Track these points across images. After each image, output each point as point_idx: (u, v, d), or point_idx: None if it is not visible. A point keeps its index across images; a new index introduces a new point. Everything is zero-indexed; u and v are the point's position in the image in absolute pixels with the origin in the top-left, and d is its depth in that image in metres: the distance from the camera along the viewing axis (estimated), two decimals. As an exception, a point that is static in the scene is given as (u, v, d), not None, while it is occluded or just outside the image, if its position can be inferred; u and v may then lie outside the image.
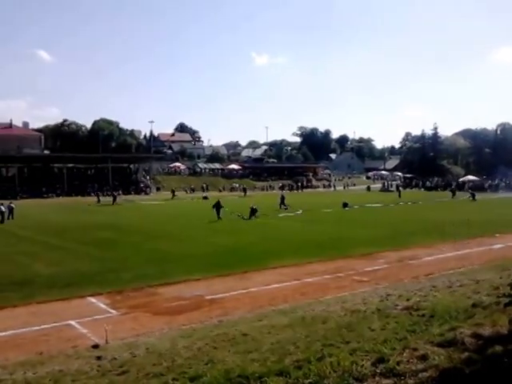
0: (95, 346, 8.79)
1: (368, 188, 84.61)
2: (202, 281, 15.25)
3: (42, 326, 10.85)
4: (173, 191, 69.45)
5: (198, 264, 17.82)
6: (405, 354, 6.96)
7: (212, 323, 10.23)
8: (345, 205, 44.64)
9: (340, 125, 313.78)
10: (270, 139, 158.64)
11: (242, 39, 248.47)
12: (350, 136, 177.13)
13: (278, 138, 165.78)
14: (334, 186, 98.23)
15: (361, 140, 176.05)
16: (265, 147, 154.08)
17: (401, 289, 12.55)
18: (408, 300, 10.79)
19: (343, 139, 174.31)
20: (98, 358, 7.88)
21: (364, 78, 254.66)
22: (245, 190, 76.45)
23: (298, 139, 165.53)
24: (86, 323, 10.93)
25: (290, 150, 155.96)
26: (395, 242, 22.74)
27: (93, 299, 13.20)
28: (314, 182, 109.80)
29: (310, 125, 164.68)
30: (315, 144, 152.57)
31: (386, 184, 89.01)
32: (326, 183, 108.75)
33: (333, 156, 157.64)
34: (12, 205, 39.25)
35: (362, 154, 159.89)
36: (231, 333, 8.90)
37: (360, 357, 6.98)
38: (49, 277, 16.21)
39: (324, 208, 44.17)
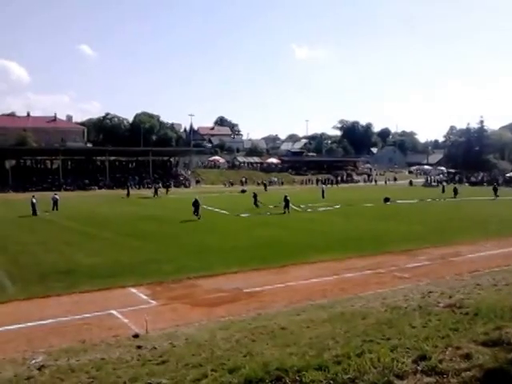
0: (136, 336, 8.94)
1: (410, 183, 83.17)
2: (240, 274, 15.30)
3: (85, 315, 11.10)
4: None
5: (237, 257, 17.90)
6: (447, 353, 6.81)
7: (250, 316, 10.25)
8: (386, 199, 44.00)
9: (382, 118, 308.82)
10: (310, 132, 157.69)
11: (283, 31, 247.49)
12: (392, 129, 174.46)
13: (318, 131, 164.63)
14: (375, 181, 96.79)
15: (403, 133, 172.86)
16: (304, 141, 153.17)
17: (443, 286, 12.28)
18: (451, 297, 10.55)
19: (385, 133, 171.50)
20: (139, 347, 8.02)
21: (407, 71, 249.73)
22: (265, 186, 73.72)
23: (338, 132, 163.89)
24: (127, 313, 11.12)
25: (330, 143, 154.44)
26: (437, 238, 22.26)
27: (134, 290, 13.43)
28: (355, 177, 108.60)
29: (350, 118, 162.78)
30: (356, 137, 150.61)
31: (429, 179, 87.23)
32: (367, 178, 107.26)
33: (374, 150, 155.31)
34: (57, 196, 40.36)
35: (404, 147, 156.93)
36: (269, 326, 8.89)
37: (401, 353, 6.87)
38: (91, 267, 16.59)
39: (365, 202, 43.67)
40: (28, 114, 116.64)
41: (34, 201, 35.85)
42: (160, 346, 7.98)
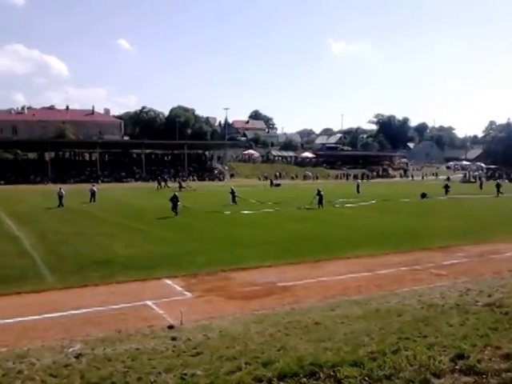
0: (170, 327, 9.02)
1: (448, 178, 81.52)
2: (274, 268, 15.27)
3: (121, 305, 11.25)
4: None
5: (271, 251, 17.87)
6: (486, 352, 6.66)
7: (284, 310, 10.21)
8: (423, 195, 43.27)
9: (419, 112, 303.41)
10: (345, 127, 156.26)
11: (319, 26, 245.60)
12: (430, 124, 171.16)
13: (354, 125, 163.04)
14: (412, 176, 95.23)
15: (441, 128, 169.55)
16: (339, 135, 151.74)
17: (482, 284, 11.99)
18: (490, 296, 10.31)
19: (422, 127, 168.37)
20: (173, 338, 8.09)
21: (445, 64, 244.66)
22: (271, 182, 68.58)
23: (374, 127, 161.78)
24: (162, 304, 11.23)
25: (366, 137, 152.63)
26: (475, 235, 21.73)
27: (168, 281, 13.55)
28: (391, 171, 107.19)
29: (387, 112, 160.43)
30: (392, 132, 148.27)
31: (467, 175, 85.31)
32: (403, 173, 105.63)
33: (411, 145, 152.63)
34: (94, 188, 41.16)
35: (441, 142, 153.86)
36: (303, 321, 8.86)
37: (438, 352, 6.75)
38: (127, 258, 16.83)
39: (401, 198, 43.09)
40: (67, 108, 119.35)
41: (63, 192, 36.58)
42: (194, 337, 8.03)
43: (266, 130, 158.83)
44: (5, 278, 13.77)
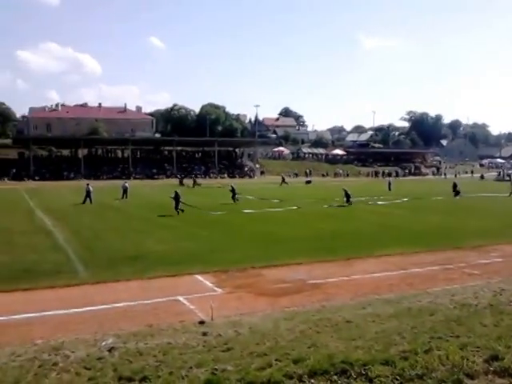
0: (201, 322, 9.10)
1: (482, 176, 79.88)
2: (305, 265, 15.21)
3: (152, 300, 11.37)
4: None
5: (301, 248, 17.82)
6: (522, 354, 6.51)
7: (314, 308, 10.18)
8: (456, 193, 42.49)
9: (452, 109, 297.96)
10: (377, 124, 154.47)
11: (350, 22, 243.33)
12: (463, 121, 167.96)
13: (385, 122, 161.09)
14: (445, 174, 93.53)
15: (475, 125, 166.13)
16: (371, 132, 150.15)
17: (516, 284, 11.73)
18: (525, 297, 10.07)
19: (455, 124, 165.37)
20: (204, 333, 8.16)
21: (480, 61, 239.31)
22: (283, 179, 64.84)
23: (406, 124, 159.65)
24: (193, 299, 11.32)
25: (398, 135, 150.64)
26: (510, 234, 21.22)
27: (199, 277, 13.65)
28: (423, 169, 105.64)
29: (419, 109, 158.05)
30: (425, 129, 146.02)
31: (501, 173, 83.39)
32: (436, 171, 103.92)
33: (444, 142, 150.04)
34: (127, 184, 41.74)
35: (475, 140, 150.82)
36: (334, 319, 8.82)
37: (471, 352, 6.65)
38: (159, 253, 17.00)
39: (433, 196, 42.42)
40: (100, 105, 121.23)
41: (91, 188, 37.00)
42: (225, 333, 8.08)
43: (297, 127, 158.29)
44: (40, 272, 14.11)
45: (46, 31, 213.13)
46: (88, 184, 38.24)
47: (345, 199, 34.07)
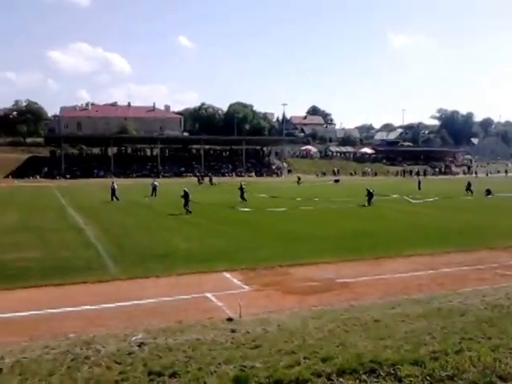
0: (230, 319, 9.14)
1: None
2: (333, 264, 15.14)
3: (181, 297, 11.50)
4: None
5: (329, 247, 17.75)
6: (557, 357, 6.36)
7: (342, 307, 10.12)
8: (488, 192, 41.68)
9: (484, 107, 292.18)
10: (406, 122, 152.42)
11: (378, 19, 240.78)
12: (495, 119, 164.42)
13: (415, 120, 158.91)
14: (476, 173, 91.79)
15: (507, 123, 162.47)
16: (400, 130, 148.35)
17: (551, 286, 11.46)
18: (560, 299, 9.83)
19: (487, 123, 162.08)
20: (233, 330, 8.19)
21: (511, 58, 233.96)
22: (299, 179, 64.71)
23: (436, 122, 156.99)
24: (221, 297, 11.39)
25: (428, 133, 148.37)
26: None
27: (227, 274, 13.72)
28: (454, 168, 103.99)
29: (450, 107, 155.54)
30: (455, 127, 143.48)
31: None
32: (467, 169, 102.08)
33: (475, 141, 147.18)
34: (156, 183, 42.23)
35: (507, 138, 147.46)
36: (363, 318, 8.76)
37: (503, 354, 6.53)
38: (187, 251, 17.16)
39: (464, 195, 41.69)
40: (129, 104, 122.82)
41: (116, 186, 37.50)
42: (253, 330, 8.10)
43: (324, 125, 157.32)
44: (72, 268, 14.41)
45: (77, 31, 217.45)
46: (113, 182, 38.84)
47: (367, 198, 33.48)
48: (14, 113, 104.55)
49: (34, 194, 46.85)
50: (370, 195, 33.41)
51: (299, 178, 64.35)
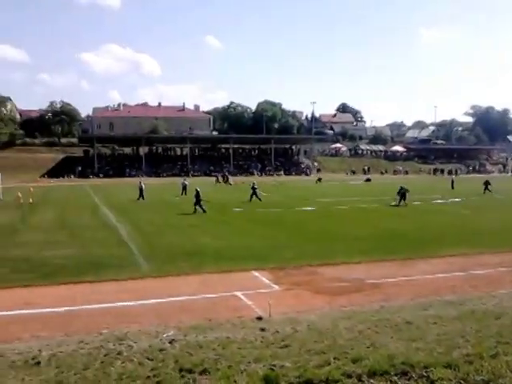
0: (259, 318, 9.16)
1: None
2: (363, 264, 15.00)
3: (211, 295, 11.56)
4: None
5: (359, 247, 17.58)
6: None
7: (373, 308, 10.03)
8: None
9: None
10: (439, 119, 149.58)
11: (409, 14, 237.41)
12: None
13: (447, 117, 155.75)
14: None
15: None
16: (432, 128, 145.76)
17: None
18: None
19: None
20: (262, 329, 8.21)
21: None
22: (319, 179, 62.86)
23: (470, 119, 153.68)
24: (251, 295, 11.41)
25: (461, 130, 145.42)
26: None
27: (256, 273, 13.74)
28: (488, 167, 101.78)
29: (484, 103, 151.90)
30: (490, 124, 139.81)
31: None
32: (502, 168, 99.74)
33: (511, 138, 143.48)
34: (186, 182, 42.58)
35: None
36: (394, 319, 8.66)
37: (542, 360, 6.35)
38: (216, 249, 17.23)
39: (498, 194, 40.83)
40: (159, 104, 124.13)
41: (143, 185, 37.97)
42: (282, 330, 8.10)
43: (354, 123, 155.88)
44: (105, 265, 14.67)
45: (108, 33, 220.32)
46: (140, 181, 39.40)
47: (398, 197, 32.53)
48: (49, 114, 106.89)
49: (69, 192, 47.90)
50: (402, 194, 32.42)
51: (319, 179, 63.11)
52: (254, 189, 36.26)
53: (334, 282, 12.84)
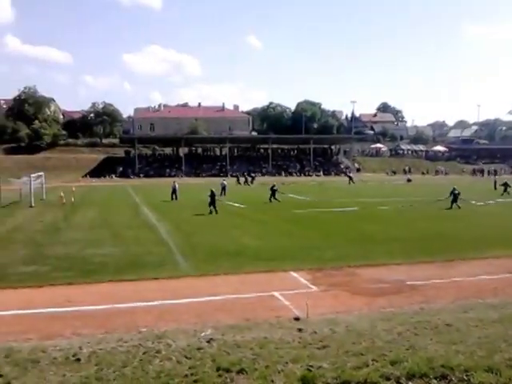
0: (297, 319, 9.16)
1: None
2: (403, 265, 14.78)
3: (249, 295, 11.62)
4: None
5: (400, 248, 17.32)
6: None
7: (413, 309, 9.88)
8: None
9: None
10: (482, 118, 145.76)
11: (453, 9, 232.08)
12: None
13: (491, 116, 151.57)
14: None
15: None
16: (475, 127, 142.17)
17: None
18: None
19: None
20: (300, 330, 8.21)
21: None
22: (351, 178, 61.47)
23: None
24: (288, 296, 11.40)
25: (505, 130, 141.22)
26: None
27: (294, 274, 13.71)
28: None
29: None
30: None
31: None
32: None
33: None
34: (225, 182, 42.90)
35: None
36: (433, 321, 8.52)
37: None
38: (255, 249, 17.30)
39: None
40: (199, 105, 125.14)
41: (177, 186, 38.30)
42: (320, 330, 8.08)
43: (395, 122, 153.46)
44: (145, 263, 14.96)
45: (150, 34, 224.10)
46: (174, 182, 39.86)
47: (451, 198, 30.91)
48: (92, 115, 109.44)
49: (110, 192, 48.94)
50: (454, 197, 30.80)
51: (350, 178, 61.17)
52: (273, 190, 36.19)
53: (374, 283, 12.71)
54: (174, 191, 37.91)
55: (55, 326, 9.35)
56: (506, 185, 41.72)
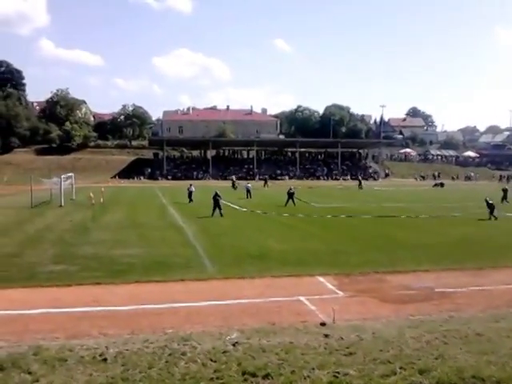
0: (323, 324, 9.07)
1: None
2: (432, 272, 14.50)
3: (275, 299, 11.54)
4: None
5: (429, 255, 16.99)
6: None
7: (441, 317, 9.69)
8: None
9: None
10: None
11: (485, 12, 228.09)
12: None
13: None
14: None
15: None
16: (507, 133, 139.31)
17: None
18: None
19: None
20: (326, 335, 8.12)
21: None
22: (360, 182, 60.96)
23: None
24: (315, 301, 11.30)
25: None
26: None
27: (321, 278, 13.60)
28: None
29: None
30: None
31: None
32: None
33: None
34: (249, 185, 43.04)
35: None
36: (463, 330, 8.33)
37: None
38: (281, 253, 17.21)
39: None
40: (227, 108, 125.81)
41: (193, 189, 38.61)
42: (347, 337, 7.98)
43: (425, 127, 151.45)
44: (172, 265, 15.03)
45: (179, 38, 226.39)
46: (191, 184, 40.09)
47: (488, 211, 28.53)
48: (122, 117, 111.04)
49: (138, 193, 49.52)
50: (491, 208, 28.58)
51: (360, 182, 60.36)
52: (290, 194, 35.80)
53: (402, 290, 12.50)
54: (190, 194, 38.28)
55: (82, 325, 9.44)
56: (505, 191, 39.21)
